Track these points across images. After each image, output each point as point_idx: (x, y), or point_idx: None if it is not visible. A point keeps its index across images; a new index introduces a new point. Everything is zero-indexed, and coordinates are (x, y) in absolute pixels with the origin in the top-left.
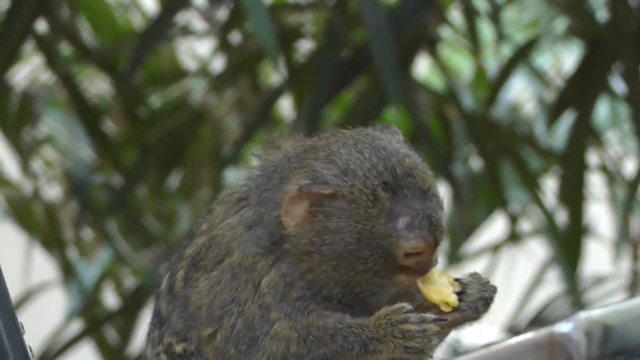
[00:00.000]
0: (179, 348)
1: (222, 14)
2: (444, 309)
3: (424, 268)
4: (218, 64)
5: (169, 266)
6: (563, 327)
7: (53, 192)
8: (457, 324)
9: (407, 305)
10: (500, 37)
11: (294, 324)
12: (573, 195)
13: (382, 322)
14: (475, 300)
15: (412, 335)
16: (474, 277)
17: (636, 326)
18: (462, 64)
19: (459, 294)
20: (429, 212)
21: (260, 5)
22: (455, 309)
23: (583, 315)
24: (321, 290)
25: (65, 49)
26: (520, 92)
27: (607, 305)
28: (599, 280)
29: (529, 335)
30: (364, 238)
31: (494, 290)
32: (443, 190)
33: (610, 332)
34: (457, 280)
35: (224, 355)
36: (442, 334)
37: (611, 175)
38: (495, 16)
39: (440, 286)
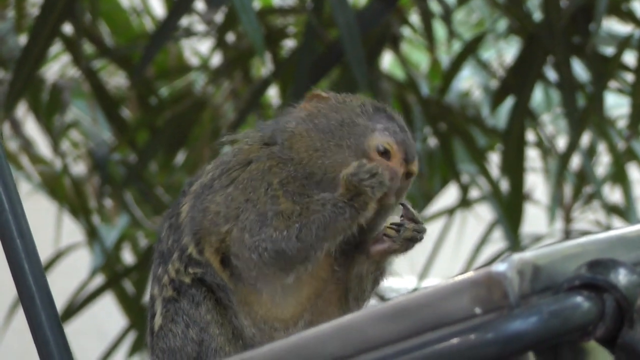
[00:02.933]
0: (187, 279)
1: (219, 17)
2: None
3: (391, 175)
4: (216, 60)
5: (169, 214)
6: (499, 267)
7: (79, 168)
8: (389, 253)
9: (361, 160)
10: (452, 35)
11: (297, 199)
12: (514, 167)
13: (349, 180)
14: (408, 237)
15: (376, 171)
16: (408, 213)
17: (561, 266)
18: (420, 58)
19: (397, 225)
20: (406, 136)
21: (250, 10)
22: (389, 238)
23: (516, 256)
24: (311, 172)
25: (88, 48)
26: (468, 81)
27: (537, 248)
28: (537, 239)
29: (469, 274)
30: (345, 124)
31: (424, 231)
32: None
33: (539, 270)
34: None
35: (240, 243)
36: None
37: (546, 150)
38: (447, 17)
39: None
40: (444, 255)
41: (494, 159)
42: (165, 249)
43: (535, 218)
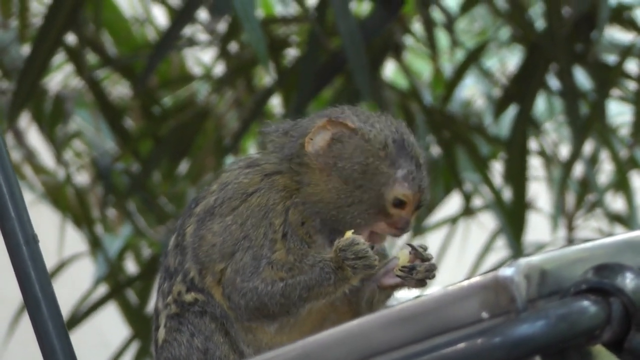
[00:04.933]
0: (189, 297)
1: (222, 27)
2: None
3: (402, 226)
4: (219, 69)
5: (175, 229)
6: (506, 271)
7: (82, 178)
8: (397, 287)
9: (357, 236)
10: (455, 44)
11: (294, 247)
12: (517, 175)
13: (337, 252)
14: (421, 278)
15: (363, 254)
16: (417, 254)
17: (568, 270)
18: (423, 67)
19: (409, 267)
20: (421, 177)
21: (253, 20)
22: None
23: (523, 261)
24: (318, 216)
25: (91, 58)
26: (471, 89)
27: (543, 253)
28: (540, 247)
29: (477, 279)
30: (369, 171)
31: (435, 268)
32: None
33: (546, 275)
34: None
35: (233, 285)
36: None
37: (548, 159)
38: (450, 26)
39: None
40: (447, 263)
41: (497, 168)
42: (172, 268)
43: (538, 226)
